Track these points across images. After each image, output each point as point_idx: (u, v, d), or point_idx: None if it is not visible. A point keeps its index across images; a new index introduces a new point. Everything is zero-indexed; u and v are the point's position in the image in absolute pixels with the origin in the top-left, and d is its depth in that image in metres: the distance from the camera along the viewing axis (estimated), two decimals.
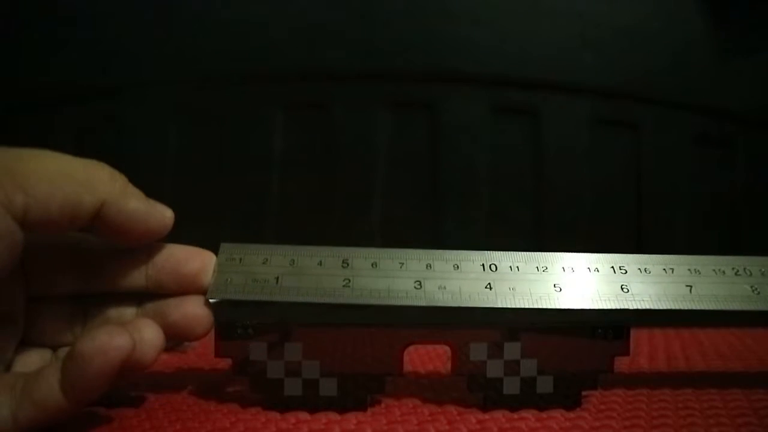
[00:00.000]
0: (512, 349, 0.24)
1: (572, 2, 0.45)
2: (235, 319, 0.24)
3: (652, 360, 0.34)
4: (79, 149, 0.23)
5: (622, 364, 0.26)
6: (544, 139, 0.45)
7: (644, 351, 0.36)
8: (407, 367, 0.26)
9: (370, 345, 0.24)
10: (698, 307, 0.24)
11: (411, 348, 0.24)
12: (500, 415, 0.24)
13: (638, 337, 0.38)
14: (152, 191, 0.24)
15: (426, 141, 0.45)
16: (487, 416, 0.24)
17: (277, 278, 0.24)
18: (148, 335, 0.22)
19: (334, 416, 0.24)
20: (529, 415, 0.24)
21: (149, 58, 0.45)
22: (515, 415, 0.24)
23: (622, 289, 0.25)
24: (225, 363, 0.24)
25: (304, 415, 0.24)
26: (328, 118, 0.45)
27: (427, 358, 0.33)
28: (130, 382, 0.26)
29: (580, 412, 0.24)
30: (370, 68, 0.44)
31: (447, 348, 0.24)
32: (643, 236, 0.46)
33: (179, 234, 0.24)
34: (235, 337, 0.24)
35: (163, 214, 0.23)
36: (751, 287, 0.25)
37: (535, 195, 0.45)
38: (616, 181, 0.47)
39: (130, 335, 0.21)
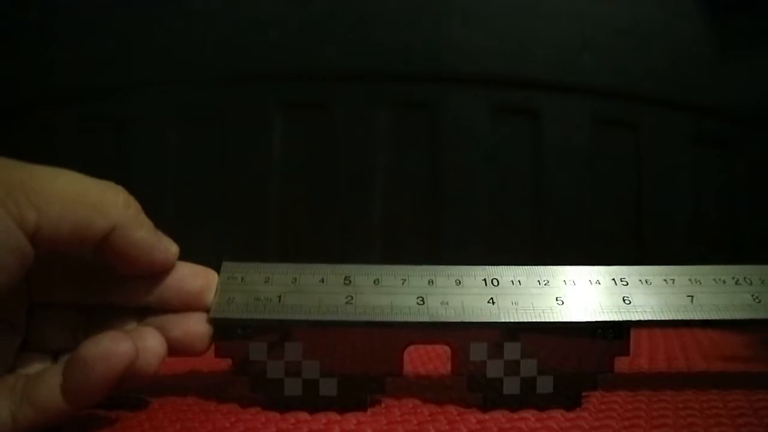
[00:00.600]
0: (512, 349, 0.24)
1: (572, 2, 0.45)
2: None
3: (652, 360, 0.34)
4: (79, 149, 0.23)
5: (622, 364, 0.26)
6: (544, 139, 0.45)
7: (644, 351, 0.36)
8: (407, 367, 0.26)
9: (370, 345, 0.24)
10: (700, 317, 0.24)
11: (411, 348, 0.24)
12: (500, 415, 0.24)
13: (638, 337, 0.38)
14: (152, 191, 0.24)
15: (426, 141, 0.45)
16: (487, 416, 0.24)
17: (280, 297, 0.24)
18: (151, 343, 0.22)
19: (334, 416, 0.24)
20: (529, 415, 0.24)
21: (149, 58, 0.45)
22: (515, 415, 0.24)
23: (624, 300, 0.25)
24: (225, 363, 0.24)
25: (304, 415, 0.24)
26: (328, 118, 0.45)
27: (427, 358, 0.33)
28: (131, 389, 0.26)
29: (580, 412, 0.24)
30: (370, 68, 0.44)
31: (447, 348, 0.24)
32: (643, 236, 0.46)
33: (180, 234, 0.24)
34: (235, 337, 0.24)
35: (168, 249, 0.23)
36: (752, 296, 0.25)
37: (535, 195, 0.45)
38: (616, 181, 0.47)
39: (133, 342, 0.21)
